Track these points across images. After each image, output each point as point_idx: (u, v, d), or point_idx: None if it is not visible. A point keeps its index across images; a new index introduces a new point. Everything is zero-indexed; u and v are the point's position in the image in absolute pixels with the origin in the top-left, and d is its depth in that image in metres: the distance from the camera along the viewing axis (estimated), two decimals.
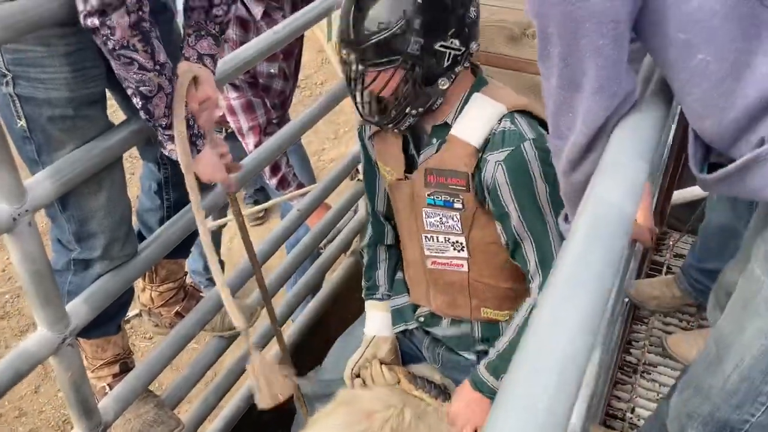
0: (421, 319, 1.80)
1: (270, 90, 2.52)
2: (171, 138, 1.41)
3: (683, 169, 2.60)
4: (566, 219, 1.22)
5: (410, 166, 1.63)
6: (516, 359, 0.60)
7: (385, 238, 1.88)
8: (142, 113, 1.37)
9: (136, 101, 1.35)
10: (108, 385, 1.70)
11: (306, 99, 5.10)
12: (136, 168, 4.42)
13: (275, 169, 2.54)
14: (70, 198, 1.43)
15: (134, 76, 1.30)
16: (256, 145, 2.41)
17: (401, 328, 1.84)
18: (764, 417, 1.16)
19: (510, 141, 1.44)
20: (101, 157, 1.41)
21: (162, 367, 1.75)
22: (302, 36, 2.48)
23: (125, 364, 1.74)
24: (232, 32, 2.33)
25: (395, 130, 1.56)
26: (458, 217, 1.57)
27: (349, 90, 1.50)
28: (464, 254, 1.61)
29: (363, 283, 1.92)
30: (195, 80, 1.43)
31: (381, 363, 1.77)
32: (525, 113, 1.48)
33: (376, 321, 1.85)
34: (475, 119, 1.48)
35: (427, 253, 1.67)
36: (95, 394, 1.70)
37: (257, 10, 2.34)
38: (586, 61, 0.90)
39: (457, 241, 1.61)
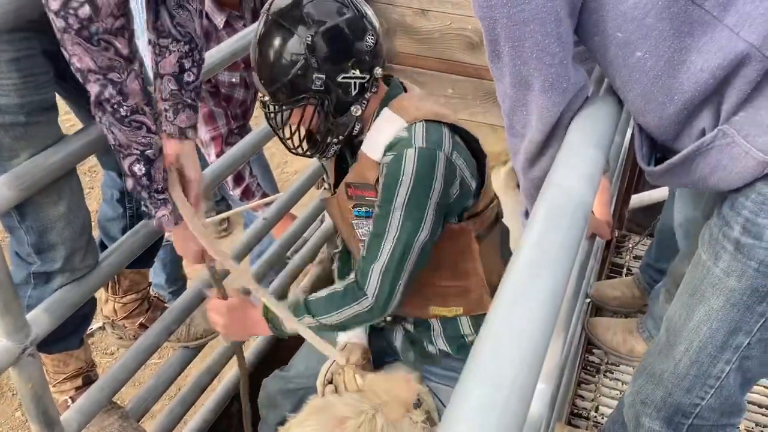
0: (389, 318, 1.83)
1: (232, 99, 2.52)
2: (164, 203, 1.38)
3: (641, 174, 2.68)
4: (526, 215, 1.25)
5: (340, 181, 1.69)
6: (480, 338, 0.62)
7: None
8: (143, 179, 1.32)
9: (139, 168, 1.30)
10: (70, 398, 1.67)
11: None
12: (95, 182, 4.35)
13: (238, 180, 2.53)
14: (29, 208, 1.40)
15: (142, 140, 1.27)
16: (218, 155, 2.41)
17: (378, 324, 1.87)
18: (713, 400, 1.20)
19: (397, 147, 1.49)
20: (61, 164, 1.39)
21: (126, 378, 1.72)
22: None
23: (88, 377, 1.71)
24: None
25: (324, 158, 1.65)
26: None
27: (271, 128, 1.58)
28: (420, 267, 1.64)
29: None
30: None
31: (353, 370, 1.78)
32: (431, 122, 1.51)
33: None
34: (378, 134, 1.54)
35: None
36: (57, 407, 1.67)
37: (219, 20, 2.34)
38: (533, 61, 0.93)
39: None
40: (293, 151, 1.61)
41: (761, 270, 1.02)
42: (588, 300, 2.31)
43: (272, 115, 1.53)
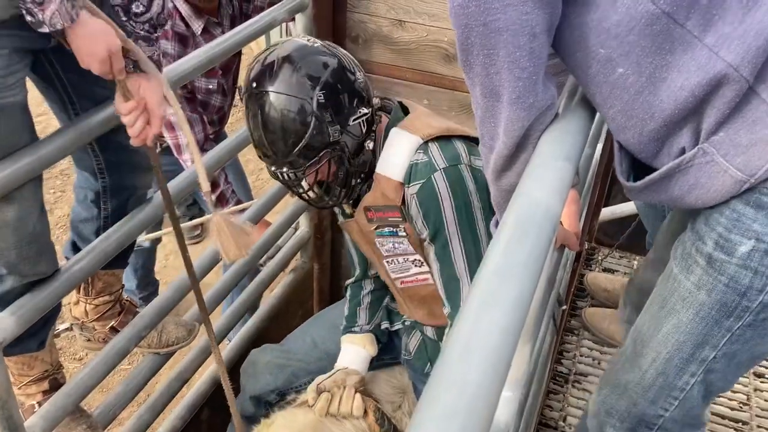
0: (407, 322, 1.89)
1: (208, 105, 2.52)
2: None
3: (612, 186, 2.72)
4: (497, 224, 1.27)
5: (358, 202, 1.70)
6: (447, 344, 0.63)
7: (369, 271, 1.97)
8: None
9: None
10: (38, 403, 1.64)
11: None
12: (67, 185, 4.30)
13: (213, 186, 2.52)
14: None
15: None
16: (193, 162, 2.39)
17: (396, 327, 1.94)
18: (676, 411, 1.22)
19: (422, 174, 1.52)
20: (30, 168, 1.37)
21: (94, 384, 1.70)
22: (240, 51, 2.49)
23: (55, 380, 1.68)
24: (170, 47, 2.32)
25: (349, 201, 1.65)
26: (407, 241, 1.65)
27: (295, 195, 1.57)
28: (426, 268, 1.67)
29: (343, 321, 1.96)
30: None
31: (354, 392, 1.78)
32: (442, 138, 1.55)
33: (351, 354, 1.88)
34: (394, 155, 1.56)
35: (393, 275, 1.76)
36: (23, 412, 1.64)
37: (197, 26, 2.34)
38: (503, 72, 0.94)
39: (416, 259, 1.69)
40: (320, 205, 1.62)
41: (731, 285, 1.04)
42: (563, 308, 2.34)
43: (295, 182, 1.51)
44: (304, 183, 1.52)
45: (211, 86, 2.47)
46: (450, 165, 1.52)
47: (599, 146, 2.16)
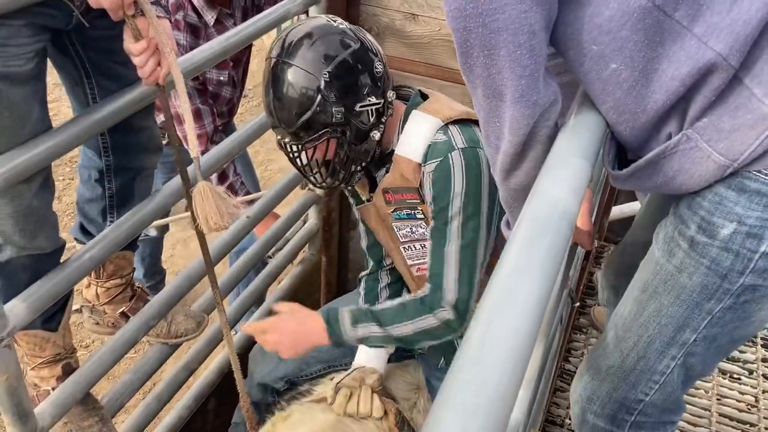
0: None
1: (219, 97, 2.51)
2: None
3: None
4: (508, 225, 1.27)
5: (375, 186, 1.71)
6: (465, 343, 0.62)
7: (384, 261, 1.96)
8: None
9: None
10: (52, 388, 1.64)
11: (254, 109, 5.07)
12: (75, 173, 4.31)
13: (222, 178, 2.52)
14: None
15: None
16: (203, 153, 2.39)
17: None
18: (656, 396, 1.23)
19: (439, 152, 1.52)
20: (45, 156, 1.38)
21: (102, 372, 1.70)
22: (250, 44, 2.49)
23: (68, 365, 1.68)
24: (182, 38, 2.32)
25: (348, 187, 1.67)
26: (424, 224, 1.64)
27: (295, 167, 1.60)
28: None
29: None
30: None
31: (373, 391, 1.78)
32: (463, 121, 1.55)
33: (369, 352, 1.87)
34: (413, 135, 1.57)
35: (409, 262, 1.75)
36: (37, 395, 1.65)
37: (210, 17, 2.33)
38: (505, 71, 0.95)
39: None
40: (320, 185, 1.64)
41: (712, 268, 1.05)
42: (575, 305, 2.34)
43: (296, 154, 1.55)
44: (303, 157, 1.56)
45: (222, 78, 2.47)
46: (469, 146, 1.52)
47: None
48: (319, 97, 1.46)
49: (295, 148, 1.54)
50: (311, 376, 2.00)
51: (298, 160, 1.57)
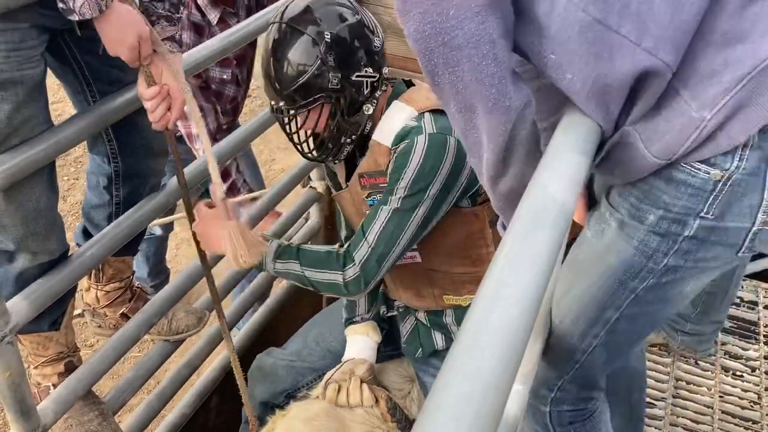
0: (400, 309, 1.89)
1: (222, 96, 2.52)
2: None
3: None
4: (503, 227, 1.27)
5: (352, 174, 1.72)
6: (461, 333, 0.63)
7: None
8: None
9: None
10: (53, 385, 1.66)
11: (258, 109, 5.08)
12: (81, 173, 4.33)
13: (225, 176, 2.53)
14: None
15: None
16: None
17: (391, 313, 1.95)
18: (578, 373, 1.27)
19: (408, 136, 1.55)
20: (46, 154, 1.39)
21: (105, 369, 1.71)
22: (255, 42, 2.50)
23: (71, 363, 1.69)
24: (186, 37, 2.33)
25: (335, 161, 1.68)
26: None
27: (286, 135, 1.61)
28: (414, 245, 1.66)
29: (344, 313, 1.96)
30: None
31: (362, 381, 1.79)
32: (438, 111, 1.56)
33: (357, 344, 1.89)
34: (389, 122, 1.60)
35: None
36: (39, 392, 1.66)
37: (213, 15, 2.34)
38: (473, 85, 0.95)
39: None
40: (307, 155, 1.65)
41: (639, 248, 1.08)
42: None
43: (287, 119, 1.56)
44: (293, 125, 1.57)
45: (225, 76, 2.48)
46: (438, 132, 1.53)
47: None
48: (319, 61, 1.48)
49: (287, 112, 1.55)
50: (308, 385, 2.02)
51: (287, 126, 1.57)
